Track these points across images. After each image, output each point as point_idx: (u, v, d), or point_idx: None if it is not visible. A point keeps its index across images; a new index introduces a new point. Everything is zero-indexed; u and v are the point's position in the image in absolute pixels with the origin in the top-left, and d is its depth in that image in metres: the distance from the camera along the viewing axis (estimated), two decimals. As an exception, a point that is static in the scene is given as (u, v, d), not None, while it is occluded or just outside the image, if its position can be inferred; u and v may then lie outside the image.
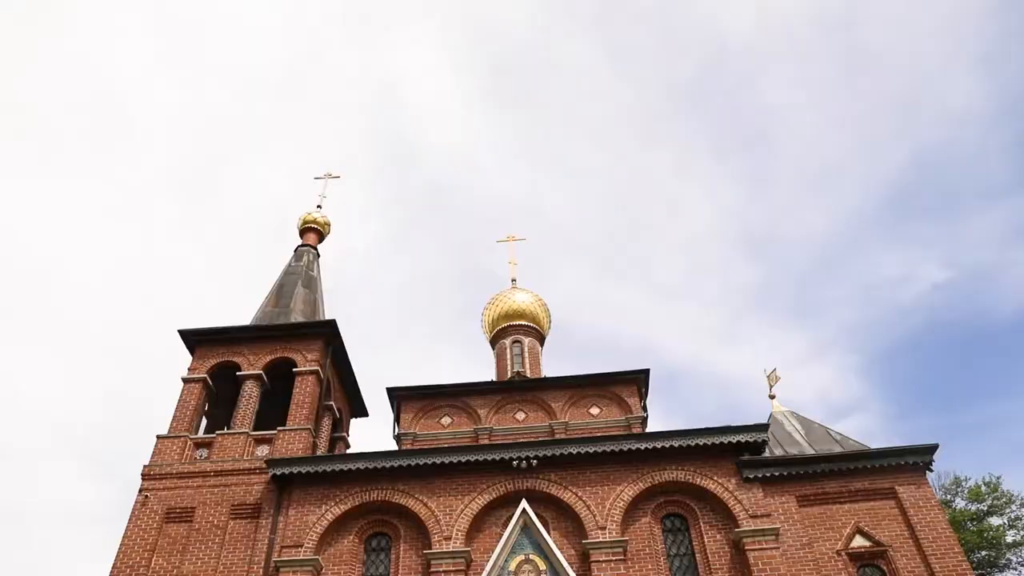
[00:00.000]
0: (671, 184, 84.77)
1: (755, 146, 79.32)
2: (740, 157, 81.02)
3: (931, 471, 16.11)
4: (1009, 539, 32.89)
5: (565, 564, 12.21)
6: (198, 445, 17.83)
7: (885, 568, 14.93)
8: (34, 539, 57.62)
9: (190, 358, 19.70)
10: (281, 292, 22.47)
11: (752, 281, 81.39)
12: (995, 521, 33.30)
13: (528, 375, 24.39)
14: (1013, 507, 33.22)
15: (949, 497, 33.99)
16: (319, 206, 25.89)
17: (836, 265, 78.26)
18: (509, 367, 25.16)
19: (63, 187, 69.36)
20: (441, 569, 14.63)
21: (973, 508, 33.68)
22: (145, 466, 17.20)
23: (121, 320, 70.51)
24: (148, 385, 65.44)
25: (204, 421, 19.49)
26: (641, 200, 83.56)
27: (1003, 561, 33.11)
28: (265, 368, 19.35)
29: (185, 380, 19.13)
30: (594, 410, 20.76)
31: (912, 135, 73.35)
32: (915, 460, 15.97)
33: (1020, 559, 32.92)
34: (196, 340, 19.92)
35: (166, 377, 62.96)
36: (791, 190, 79.97)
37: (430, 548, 15.00)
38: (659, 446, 15.75)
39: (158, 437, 17.79)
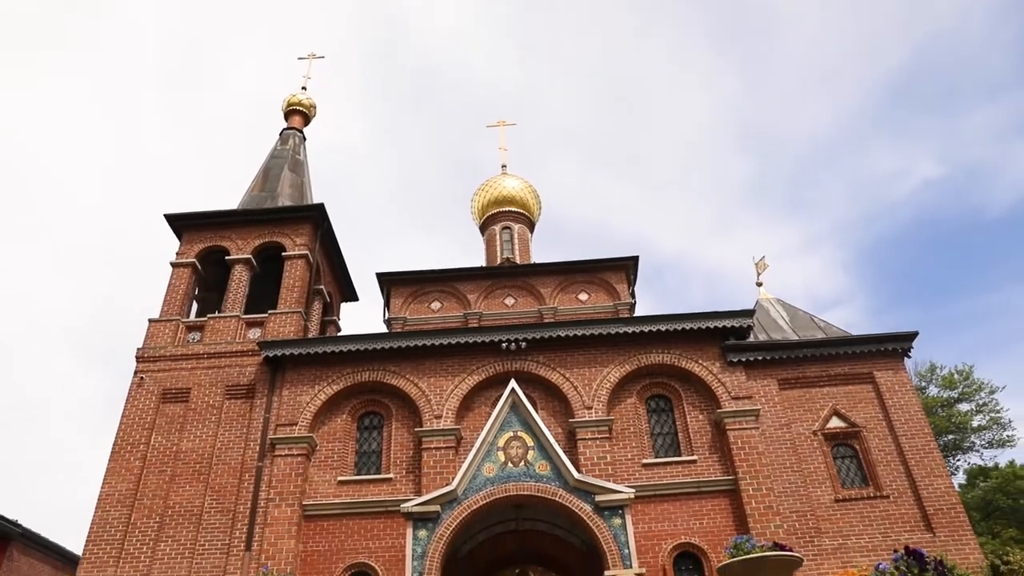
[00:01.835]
0: (668, 73, 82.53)
1: (755, 37, 76.83)
2: (739, 48, 78.64)
3: (909, 357, 16.54)
4: (975, 424, 34.40)
5: (552, 441, 12.62)
6: (190, 328, 17.98)
7: (857, 447, 15.58)
8: (41, 432, 59.16)
9: (179, 244, 19.62)
10: (267, 176, 22.11)
11: (745, 175, 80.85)
12: (963, 407, 34.69)
13: (518, 261, 24.43)
14: (982, 394, 34.55)
15: (924, 384, 35.20)
16: (304, 87, 25.17)
17: (830, 160, 77.63)
18: (499, 253, 25.16)
19: (47, 83, 66.87)
20: (432, 446, 15.14)
21: (945, 395, 34.98)
22: (139, 349, 17.39)
23: (110, 212, 69.72)
24: (141, 275, 65.52)
25: (195, 306, 19.60)
26: (636, 89, 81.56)
27: (967, 444, 34.75)
28: (254, 253, 19.31)
29: (174, 265, 19.10)
30: (583, 296, 20.95)
31: (915, 28, 71.19)
32: (894, 347, 16.38)
33: (983, 442, 34.57)
34: (183, 225, 19.78)
35: (158, 266, 62.82)
36: (789, 83, 78.18)
37: (421, 426, 15.47)
38: (646, 330, 16.02)
39: (150, 321, 17.91)
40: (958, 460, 34.60)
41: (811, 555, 13.63)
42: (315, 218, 19.72)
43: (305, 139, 24.04)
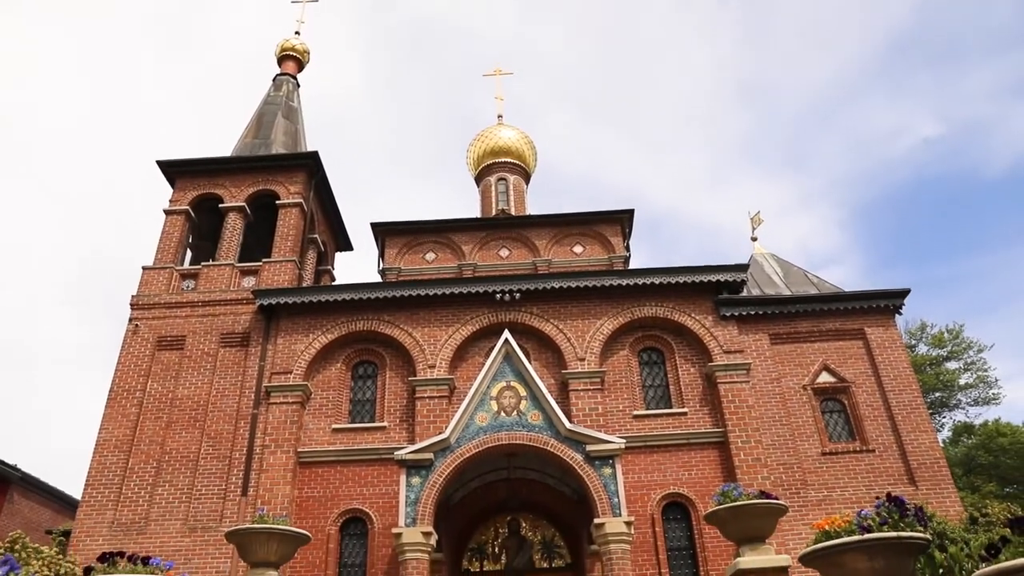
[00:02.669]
0: (667, 26, 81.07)
1: (757, -15, 75.30)
2: (740, 1, 77.10)
3: (900, 314, 16.67)
4: (962, 382, 34.84)
5: (545, 391, 12.73)
6: (184, 276, 17.95)
7: (846, 402, 15.79)
8: (39, 381, 59.36)
9: (172, 192, 19.45)
10: (261, 123, 21.82)
11: (743, 130, 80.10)
12: (952, 365, 35.09)
13: (513, 213, 24.30)
14: (970, 353, 34.91)
15: (914, 342, 35.52)
16: (297, 32, 24.68)
17: (829, 117, 76.91)
18: (494, 205, 25.03)
19: (37, 31, 65.25)
20: (426, 395, 15.28)
21: (934, 353, 35.34)
22: (133, 296, 17.37)
23: (105, 160, 68.88)
24: (136, 224, 65.09)
25: (189, 254, 19.53)
26: (635, 41, 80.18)
27: (954, 402, 35.25)
28: (248, 201, 19.17)
29: (167, 212, 18.97)
30: (577, 248, 20.92)
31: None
32: (886, 303, 16.48)
33: (969, 400, 35.08)
34: (176, 172, 19.59)
35: (153, 215, 62.41)
36: (789, 38, 76.90)
37: (415, 376, 15.59)
38: (640, 283, 16.05)
39: (144, 268, 17.86)
40: (944, 417, 35.16)
41: (796, 506, 13.92)
42: (309, 166, 19.55)
43: (299, 86, 23.67)
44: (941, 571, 5.68)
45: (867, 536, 5.25)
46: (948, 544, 5.95)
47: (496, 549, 14.88)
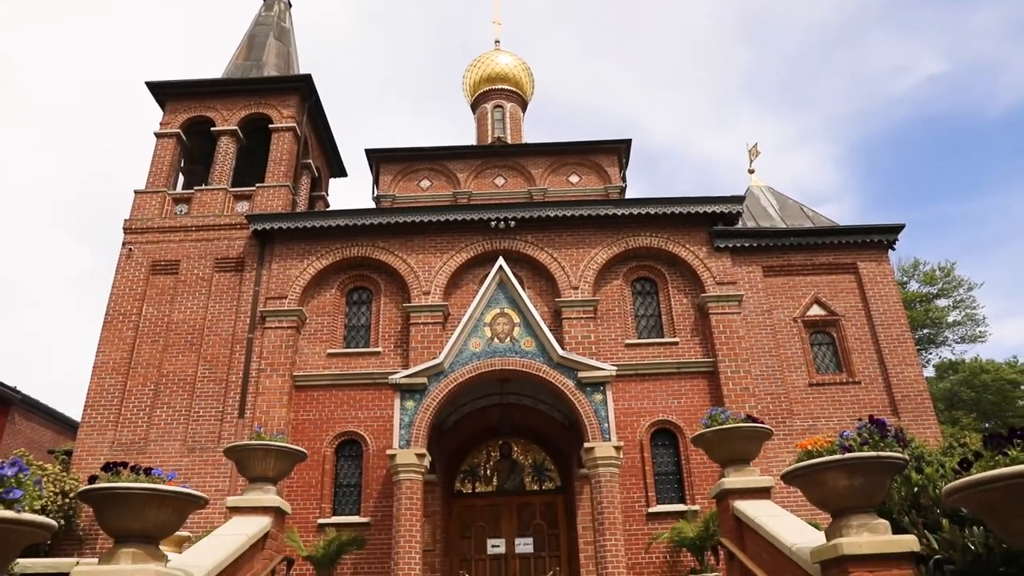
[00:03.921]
0: (671, -52, 78.40)
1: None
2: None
3: (893, 249, 16.70)
4: (950, 319, 35.25)
5: (538, 318, 12.84)
6: (177, 201, 17.83)
7: (835, 335, 15.99)
8: (37, 307, 59.39)
9: (162, 114, 19.12)
10: (252, 44, 21.30)
11: (744, 66, 78.50)
12: (941, 303, 35.43)
13: (509, 141, 24.01)
14: (960, 291, 35.20)
15: (906, 279, 35.75)
16: (288, -51, 23.76)
17: (831, 52, 75.33)
18: (490, 132, 24.69)
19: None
20: (420, 321, 15.41)
21: (925, 291, 35.62)
22: (126, 220, 17.27)
23: (95, 84, 67.29)
24: (129, 148, 64.13)
25: (182, 179, 19.35)
26: (637, -35, 77.62)
27: (941, 338, 35.75)
28: (240, 124, 18.90)
29: (158, 135, 18.70)
30: (573, 178, 20.77)
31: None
32: (880, 238, 16.51)
33: (956, 337, 35.58)
34: (166, 93, 19.23)
35: (145, 139, 61.35)
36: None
37: (409, 302, 15.69)
38: (635, 212, 16.02)
39: (136, 192, 17.71)
40: (931, 354, 35.69)
41: (782, 434, 14.27)
42: (302, 90, 19.19)
43: (290, 5, 23.00)
44: (916, 490, 5.88)
45: (847, 455, 5.41)
46: (924, 466, 6.14)
47: (488, 472, 15.28)
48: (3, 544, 3.49)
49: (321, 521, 13.89)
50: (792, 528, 6.84)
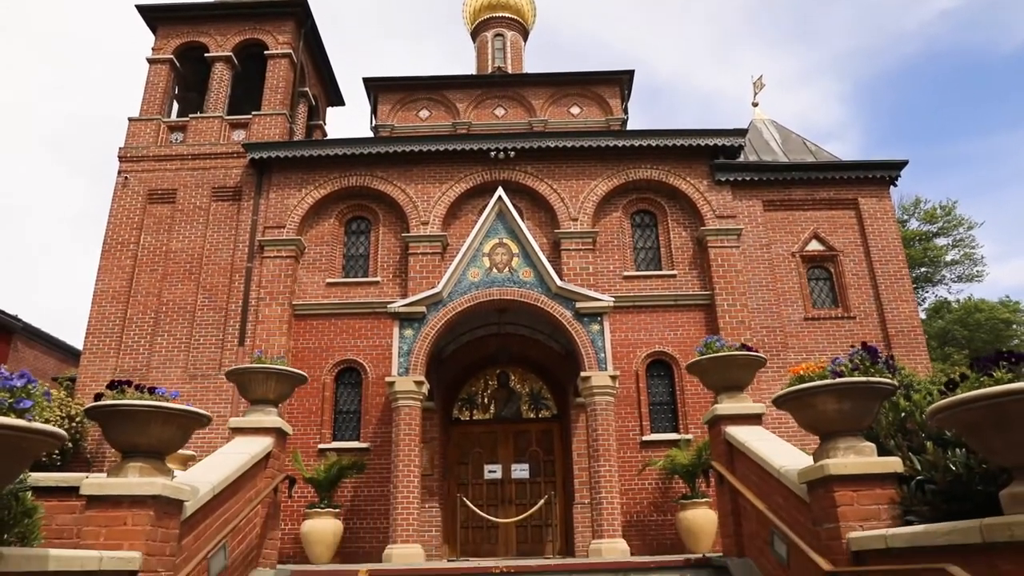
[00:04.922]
0: None
1: None
2: None
3: (895, 186, 16.60)
4: (948, 258, 35.32)
5: (537, 249, 12.86)
6: (172, 129, 17.61)
7: (832, 270, 16.06)
8: (35, 238, 59.14)
9: (154, 40, 18.70)
10: (245, -35, 20.60)
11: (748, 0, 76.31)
12: (940, 242, 35.43)
13: (509, 71, 23.57)
14: (960, 230, 35.14)
15: (906, 217, 35.65)
16: None
17: (842, -21, 73.11)
18: (490, 62, 24.20)
19: None
20: (419, 251, 15.43)
21: (924, 229, 35.57)
22: (121, 148, 17.09)
23: (85, 8, 65.41)
24: (122, 76, 62.84)
25: (176, 107, 19.06)
26: None
27: (938, 277, 35.88)
28: (235, 50, 18.52)
29: (150, 61, 18.34)
30: (575, 109, 20.48)
31: None
32: (882, 174, 16.40)
33: (953, 276, 35.71)
34: (157, 17, 18.78)
35: (139, 67, 60.10)
36: None
37: (408, 232, 15.67)
38: (636, 144, 15.87)
39: (130, 120, 17.48)
40: (927, 293, 35.87)
41: (776, 367, 14.44)
42: (298, 15, 18.72)
43: (285, -74, 22.19)
44: (903, 415, 6.02)
45: (838, 380, 5.51)
46: (913, 393, 6.26)
47: (485, 400, 15.55)
48: (15, 453, 3.58)
49: (322, 446, 14.20)
50: (781, 451, 7.03)
